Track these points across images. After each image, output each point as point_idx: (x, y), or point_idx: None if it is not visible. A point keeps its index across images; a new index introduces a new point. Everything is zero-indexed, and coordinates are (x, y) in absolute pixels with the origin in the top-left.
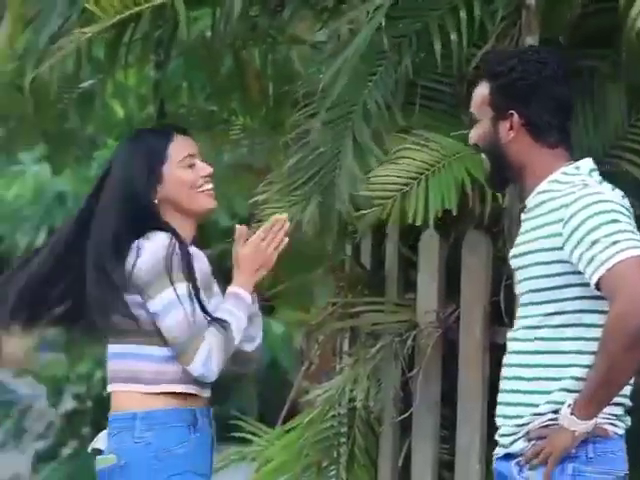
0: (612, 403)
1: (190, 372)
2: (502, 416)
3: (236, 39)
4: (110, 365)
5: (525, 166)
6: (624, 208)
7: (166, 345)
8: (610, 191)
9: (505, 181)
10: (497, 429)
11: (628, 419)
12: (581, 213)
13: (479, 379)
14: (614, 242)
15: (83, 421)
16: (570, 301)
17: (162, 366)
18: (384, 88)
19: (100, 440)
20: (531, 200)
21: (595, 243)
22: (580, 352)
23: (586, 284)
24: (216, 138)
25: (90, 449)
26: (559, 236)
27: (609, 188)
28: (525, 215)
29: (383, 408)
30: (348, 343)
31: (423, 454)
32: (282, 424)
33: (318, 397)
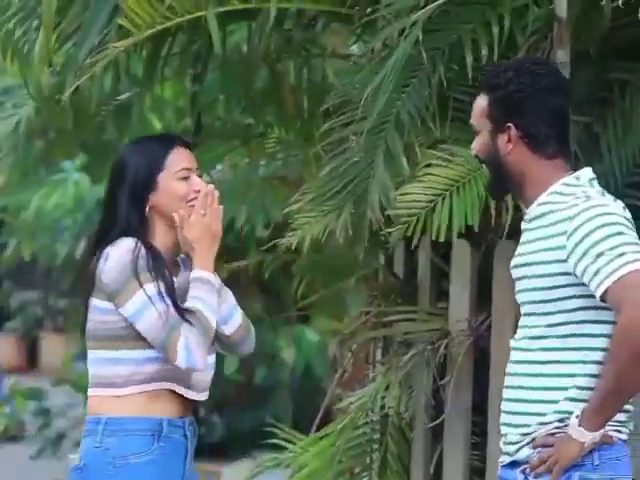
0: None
1: (179, 367)
2: (507, 424)
3: (271, 52)
4: (89, 370)
5: (524, 177)
6: (627, 220)
7: (143, 347)
8: (612, 202)
9: (505, 191)
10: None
11: (631, 424)
12: (585, 226)
13: None
14: (620, 254)
15: None
16: (574, 312)
17: (137, 368)
18: (417, 100)
19: None
20: (532, 211)
21: (600, 256)
22: (584, 362)
23: (589, 295)
24: (252, 150)
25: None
26: (563, 249)
27: (611, 199)
28: (525, 225)
29: (415, 415)
30: (381, 351)
31: (454, 460)
32: (316, 431)
33: (351, 404)
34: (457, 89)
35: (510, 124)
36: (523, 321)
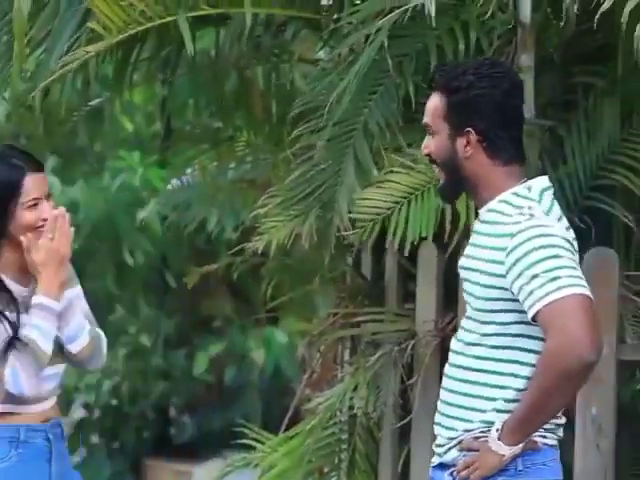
0: None
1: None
2: (439, 425)
3: (240, 58)
4: None
5: (479, 181)
6: (567, 242)
7: None
8: (555, 222)
9: (458, 193)
10: None
11: (560, 430)
12: (524, 245)
13: None
14: (553, 278)
15: (92, 430)
16: (508, 325)
17: None
18: (384, 106)
19: None
20: (482, 215)
21: (535, 277)
22: (515, 375)
23: (524, 311)
24: (221, 154)
25: None
26: (501, 264)
27: (555, 218)
28: (476, 227)
29: (383, 415)
30: (349, 352)
31: (422, 459)
32: (285, 431)
33: (320, 405)
34: (423, 94)
35: (470, 128)
36: (463, 322)
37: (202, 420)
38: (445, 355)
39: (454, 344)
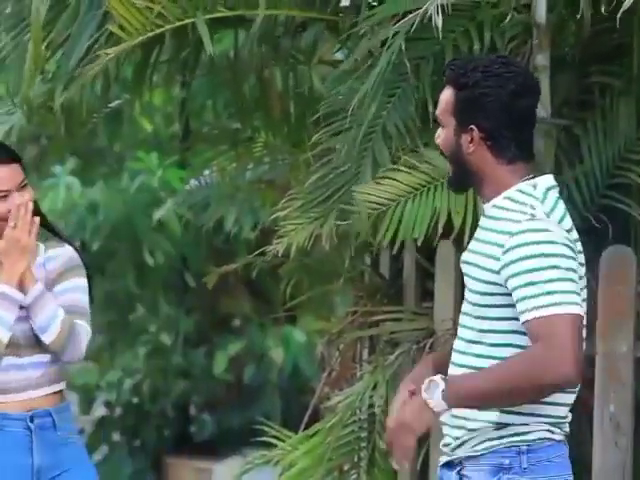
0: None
1: None
2: (445, 424)
3: (259, 60)
4: None
5: (484, 176)
6: (567, 247)
7: None
8: (556, 224)
9: (466, 186)
10: None
11: (566, 425)
12: (523, 249)
13: None
14: (549, 292)
15: (113, 427)
16: (502, 321)
17: None
18: (402, 110)
19: None
20: (487, 210)
21: (530, 285)
22: None
23: None
24: (240, 155)
25: None
26: (497, 260)
27: (556, 220)
28: (480, 222)
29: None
30: (368, 351)
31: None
32: (304, 429)
33: (339, 403)
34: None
35: (473, 126)
36: (461, 319)
37: (222, 418)
38: None
39: (456, 343)
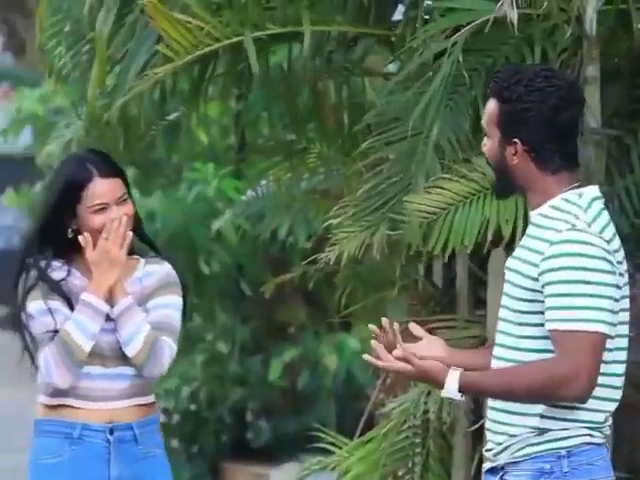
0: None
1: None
2: (488, 430)
3: (312, 73)
4: None
5: (529, 186)
6: (605, 260)
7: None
8: (596, 236)
9: (508, 193)
10: None
11: (607, 428)
12: (558, 260)
13: None
14: (576, 307)
15: (171, 434)
16: (540, 327)
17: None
18: (454, 122)
19: None
20: (533, 218)
21: (562, 296)
22: None
23: None
24: (294, 166)
25: None
26: (536, 267)
27: (600, 226)
28: (527, 230)
29: (456, 419)
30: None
31: None
32: (359, 435)
33: (393, 409)
34: None
35: (517, 139)
36: (499, 326)
37: (278, 424)
38: None
39: (496, 350)
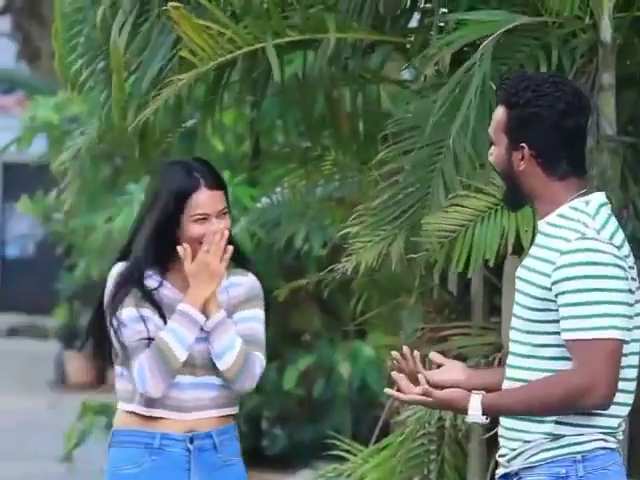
0: (605, 415)
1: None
2: (501, 437)
3: (328, 80)
4: None
5: (537, 193)
6: (616, 267)
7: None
8: (605, 243)
9: (520, 203)
10: None
11: (620, 433)
12: (569, 269)
13: None
14: (591, 315)
15: None
16: (555, 335)
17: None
18: (469, 130)
19: None
20: (541, 226)
21: (576, 305)
22: None
23: None
24: (309, 173)
25: None
26: (548, 277)
27: (609, 232)
28: (536, 239)
29: (471, 427)
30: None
31: None
32: (375, 443)
33: (409, 417)
34: None
35: (524, 144)
36: (512, 335)
37: (293, 432)
38: None
39: (509, 359)
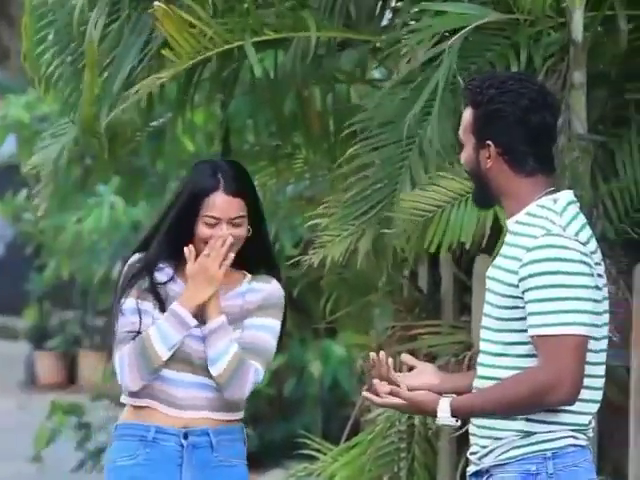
0: (575, 412)
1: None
2: (472, 434)
3: (299, 79)
4: None
5: (505, 192)
6: (582, 263)
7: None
8: (571, 239)
9: (490, 203)
10: None
11: (590, 431)
12: (535, 266)
13: None
14: (556, 311)
15: None
16: (526, 332)
17: None
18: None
19: None
20: (510, 225)
21: (541, 301)
22: None
23: None
24: (280, 171)
25: None
26: (515, 274)
27: (575, 229)
28: (505, 238)
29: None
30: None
31: None
32: (345, 441)
33: (379, 416)
34: None
35: (489, 142)
36: (482, 334)
37: (264, 431)
38: None
39: (481, 357)
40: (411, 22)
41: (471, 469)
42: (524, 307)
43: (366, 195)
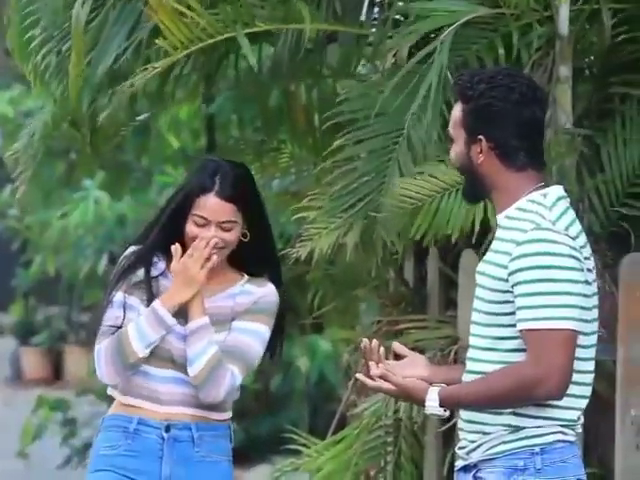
0: (564, 407)
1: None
2: (461, 429)
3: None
4: None
5: (496, 186)
6: (572, 258)
7: None
8: (560, 234)
9: (479, 197)
10: None
11: (579, 427)
12: (524, 260)
13: None
14: (545, 305)
15: None
16: (515, 327)
17: None
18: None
19: None
20: (500, 220)
21: (530, 295)
22: None
23: None
24: (265, 166)
25: None
26: (505, 268)
27: (565, 224)
28: (496, 233)
29: (427, 419)
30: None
31: None
32: (331, 436)
33: (365, 410)
34: None
35: (481, 136)
36: (472, 329)
37: (251, 426)
38: None
39: (470, 352)
40: (397, 17)
41: (459, 464)
42: (513, 301)
43: (353, 188)
